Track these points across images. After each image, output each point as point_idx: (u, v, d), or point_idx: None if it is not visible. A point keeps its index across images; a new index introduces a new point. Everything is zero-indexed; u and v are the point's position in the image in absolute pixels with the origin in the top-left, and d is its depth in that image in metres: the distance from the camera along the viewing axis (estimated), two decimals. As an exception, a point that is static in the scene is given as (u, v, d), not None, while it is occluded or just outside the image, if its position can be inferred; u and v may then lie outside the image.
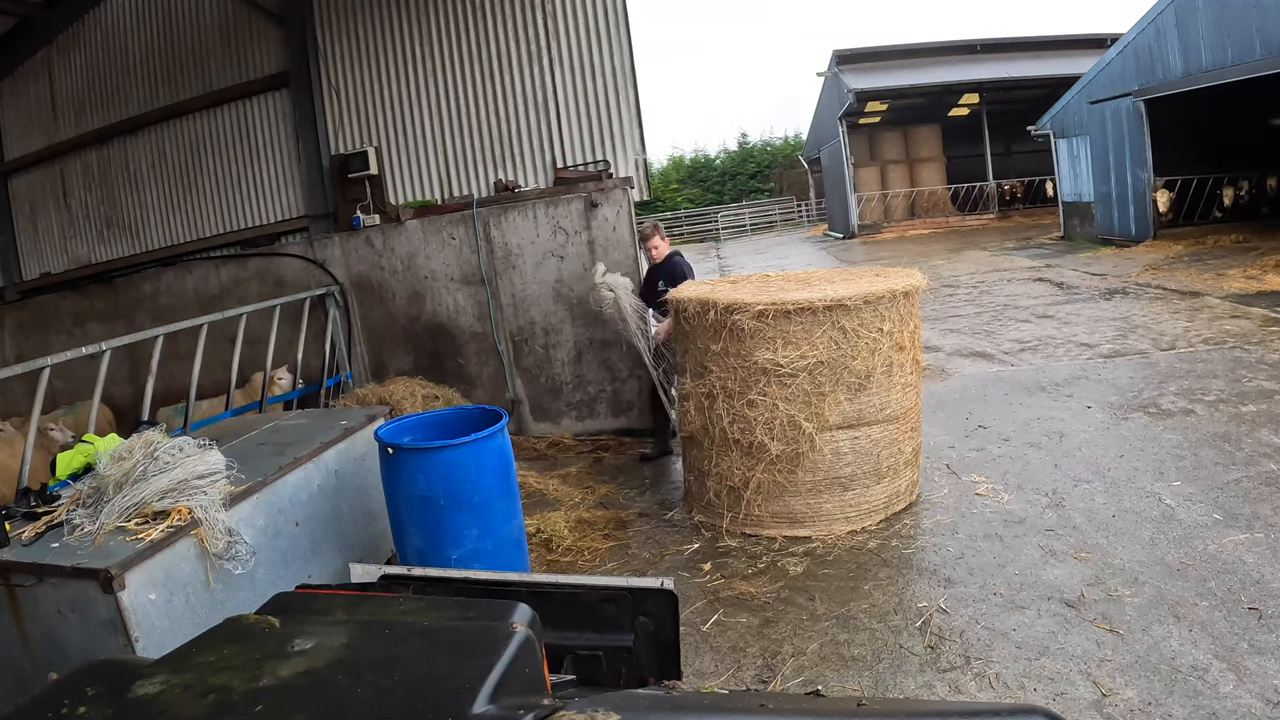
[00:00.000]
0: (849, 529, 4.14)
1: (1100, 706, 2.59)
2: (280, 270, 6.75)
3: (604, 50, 6.10)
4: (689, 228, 34.71)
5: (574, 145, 6.25)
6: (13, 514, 3.02)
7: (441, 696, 1.04)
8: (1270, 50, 10.95)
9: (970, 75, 22.92)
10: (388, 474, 3.54)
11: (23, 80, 7.70)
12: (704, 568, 3.93)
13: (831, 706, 1.30)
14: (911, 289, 4.22)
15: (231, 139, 6.98)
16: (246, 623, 1.28)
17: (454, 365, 6.51)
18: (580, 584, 1.76)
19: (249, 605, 2.67)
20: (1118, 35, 16.19)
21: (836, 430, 4.09)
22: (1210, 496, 4.02)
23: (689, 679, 2.80)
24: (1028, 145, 23.55)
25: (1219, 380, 5.91)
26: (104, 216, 7.55)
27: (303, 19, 6.49)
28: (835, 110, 24.25)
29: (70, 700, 1.07)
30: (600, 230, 6.07)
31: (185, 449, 3.04)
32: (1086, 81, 16.28)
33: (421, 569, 1.85)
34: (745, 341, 4.09)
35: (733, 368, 4.16)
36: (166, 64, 7.06)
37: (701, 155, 41.23)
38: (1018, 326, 8.92)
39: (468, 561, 3.41)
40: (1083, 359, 7.11)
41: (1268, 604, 3.03)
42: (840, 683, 2.91)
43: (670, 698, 1.32)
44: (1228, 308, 8.40)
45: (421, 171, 6.54)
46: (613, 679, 1.62)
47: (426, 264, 6.46)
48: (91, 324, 7.32)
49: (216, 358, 5.62)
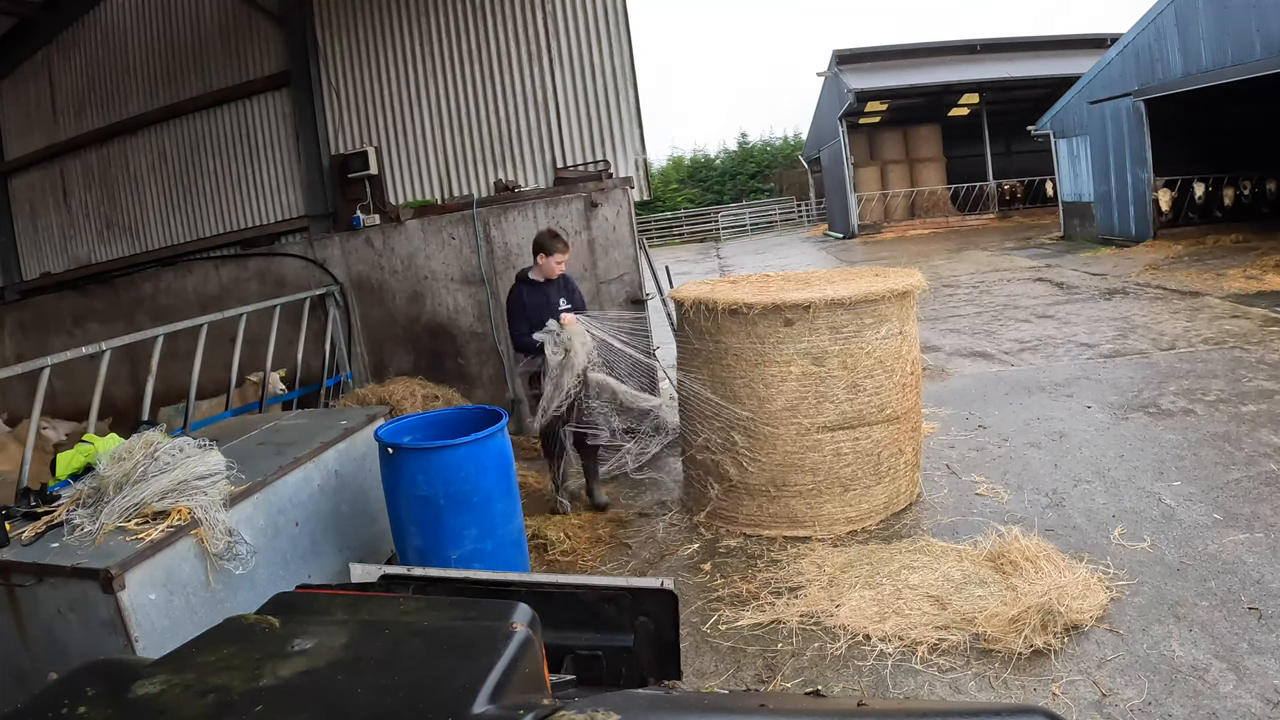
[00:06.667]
0: (849, 529, 4.14)
1: (1100, 706, 2.59)
2: (280, 270, 6.75)
3: (604, 50, 6.10)
4: (689, 228, 34.71)
5: (574, 145, 6.25)
6: (13, 514, 3.02)
7: (441, 696, 1.04)
8: (1270, 50, 10.94)
9: (970, 75, 22.92)
10: (388, 474, 3.54)
11: (23, 80, 7.70)
12: (704, 568, 3.92)
13: (831, 706, 1.30)
14: (911, 289, 4.22)
15: (231, 139, 6.98)
16: (246, 623, 1.28)
17: (454, 365, 6.51)
18: (580, 584, 1.76)
19: (249, 605, 2.67)
20: (1118, 35, 16.19)
21: (837, 430, 4.09)
22: (1210, 496, 4.02)
23: (689, 679, 2.80)
24: (1028, 145, 23.56)
25: (1219, 380, 5.91)
26: (104, 216, 7.56)
27: (303, 19, 6.49)
28: (835, 110, 24.25)
29: (70, 700, 1.07)
30: (600, 230, 6.07)
31: (185, 449, 3.04)
32: (1086, 81, 16.28)
33: (421, 569, 1.85)
34: (744, 341, 4.10)
35: (732, 367, 4.16)
36: (166, 64, 7.06)
37: (701, 155, 41.26)
38: (1018, 326, 8.92)
39: (468, 561, 3.41)
40: (1083, 359, 7.11)
41: (1268, 604, 3.03)
42: (840, 682, 2.91)
43: (670, 698, 1.32)
44: (1228, 308, 8.40)
45: (421, 171, 6.54)
46: (613, 679, 1.62)
47: (426, 264, 6.45)
48: (91, 324, 7.32)
49: (216, 358, 5.62)
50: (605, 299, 6.09)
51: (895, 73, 23.63)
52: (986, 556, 3.57)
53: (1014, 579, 3.31)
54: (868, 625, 3.18)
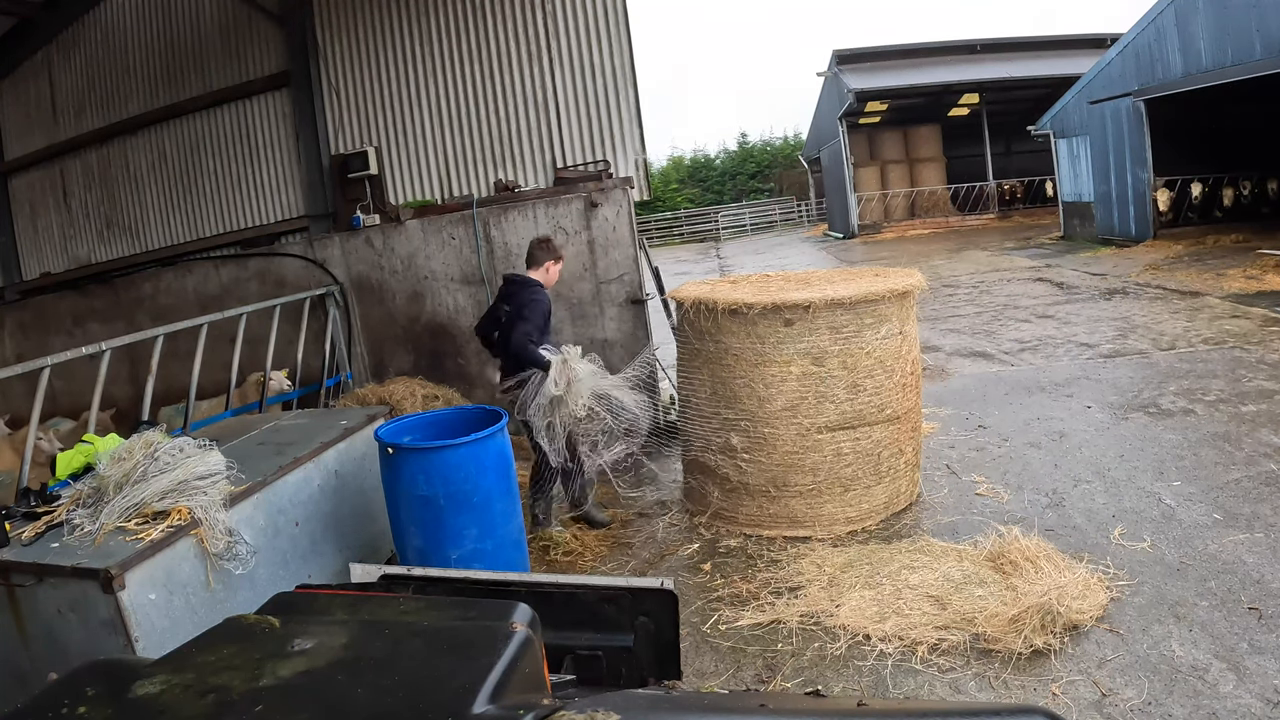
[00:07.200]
0: (849, 529, 4.14)
1: (1100, 706, 2.60)
2: (280, 270, 6.74)
3: (604, 50, 6.10)
4: (689, 228, 34.70)
5: (574, 145, 6.25)
6: (13, 514, 3.02)
7: (441, 696, 1.04)
8: (1270, 50, 10.95)
9: (970, 75, 22.92)
10: (388, 474, 3.54)
11: (23, 80, 7.70)
12: (704, 568, 3.92)
13: (831, 706, 1.30)
14: (911, 289, 4.22)
15: (231, 139, 6.98)
16: (246, 623, 1.28)
17: (454, 365, 6.51)
18: (580, 584, 1.76)
19: (249, 605, 2.67)
20: (1118, 35, 16.19)
21: (837, 430, 4.09)
22: (1210, 496, 4.02)
23: (689, 679, 2.80)
24: (1028, 145, 23.56)
25: (1219, 380, 5.91)
26: (104, 216, 7.55)
27: (303, 19, 6.49)
28: (835, 110, 24.25)
29: (70, 700, 1.07)
30: (600, 230, 6.06)
31: (185, 449, 3.04)
32: (1086, 81, 16.28)
33: (421, 569, 1.85)
34: (744, 341, 4.10)
35: (732, 367, 4.16)
36: (166, 64, 7.06)
37: (701, 155, 41.24)
38: (1018, 326, 8.92)
39: (468, 561, 3.41)
40: (1083, 359, 7.11)
41: (1268, 604, 3.03)
42: (840, 682, 2.91)
43: (670, 698, 1.32)
44: (1228, 308, 8.40)
45: (421, 171, 6.54)
46: (613, 679, 1.62)
47: (426, 264, 6.45)
48: (91, 324, 7.31)
49: (216, 358, 5.62)
50: (605, 299, 6.09)
51: (895, 73, 23.63)
52: (986, 556, 3.57)
53: (1014, 579, 3.32)
54: (868, 625, 3.18)
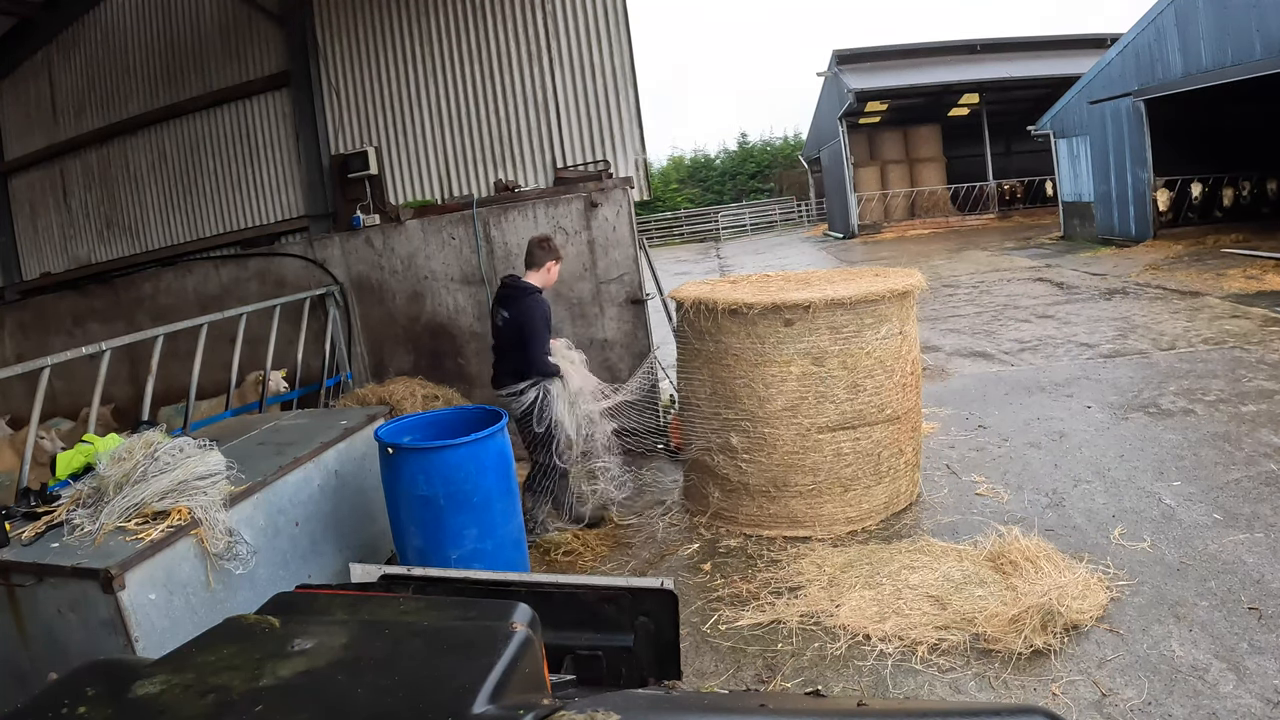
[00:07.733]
0: (849, 529, 4.14)
1: (1100, 706, 2.59)
2: (280, 270, 6.74)
3: (604, 50, 6.10)
4: (689, 228, 34.70)
5: (574, 145, 6.25)
6: (13, 514, 3.02)
7: (441, 696, 1.04)
8: (1270, 50, 10.94)
9: (970, 75, 22.92)
10: (388, 474, 3.54)
11: (23, 80, 7.69)
12: (704, 568, 3.92)
13: (831, 706, 1.30)
14: (911, 289, 4.22)
15: (231, 139, 6.98)
16: (246, 623, 1.28)
17: (454, 365, 6.50)
18: (580, 584, 1.76)
19: (249, 605, 2.67)
20: (1118, 35, 16.20)
21: (837, 430, 4.09)
22: (1210, 496, 4.02)
23: (689, 679, 2.80)
24: (1028, 145, 23.56)
25: (1219, 380, 5.91)
26: (104, 216, 7.55)
27: (303, 19, 6.49)
28: (835, 110, 24.25)
29: (70, 700, 1.07)
30: (600, 230, 6.06)
31: (185, 449, 3.04)
32: (1086, 81, 16.28)
33: (421, 569, 1.85)
34: (744, 341, 4.10)
35: (732, 367, 4.16)
36: (166, 64, 7.06)
37: (701, 155, 41.26)
38: (1018, 326, 8.92)
39: (468, 561, 3.41)
40: (1083, 359, 7.11)
41: (1268, 604, 3.03)
42: (840, 682, 2.91)
43: (670, 698, 1.32)
44: (1228, 308, 8.40)
45: (421, 171, 6.54)
46: (613, 679, 1.62)
47: (426, 264, 6.45)
48: (91, 324, 7.31)
49: (216, 358, 5.62)
50: (605, 299, 6.10)
51: (895, 73, 23.64)
52: (986, 556, 3.57)
53: (1014, 579, 3.32)
54: (868, 625, 3.18)
